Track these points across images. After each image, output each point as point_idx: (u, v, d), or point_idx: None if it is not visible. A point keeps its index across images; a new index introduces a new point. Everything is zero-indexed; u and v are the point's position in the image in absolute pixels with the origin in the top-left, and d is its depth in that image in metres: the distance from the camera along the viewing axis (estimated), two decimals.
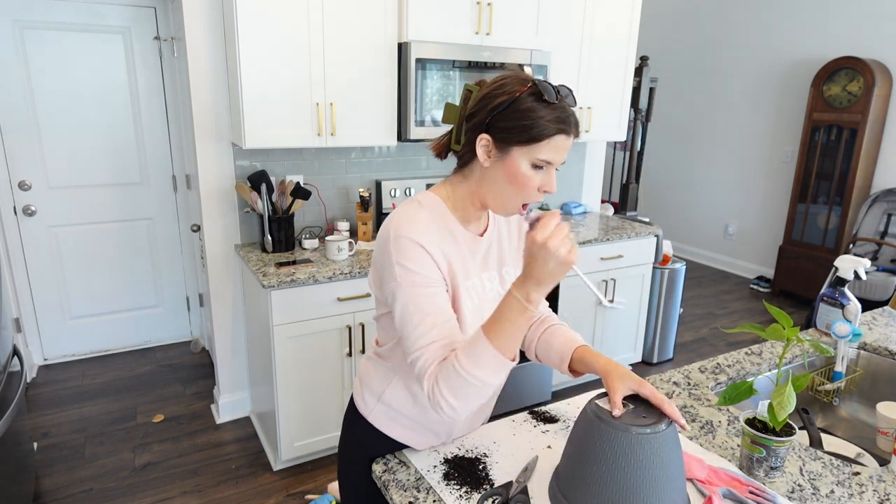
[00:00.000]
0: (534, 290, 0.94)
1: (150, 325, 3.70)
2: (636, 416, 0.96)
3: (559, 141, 1.01)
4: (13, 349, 2.21)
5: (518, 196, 1.05)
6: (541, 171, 1.03)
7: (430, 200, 1.11)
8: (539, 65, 2.80)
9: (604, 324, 3.24)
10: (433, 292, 1.02)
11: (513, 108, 1.01)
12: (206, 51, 2.48)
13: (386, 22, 2.48)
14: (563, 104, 1.03)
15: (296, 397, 2.40)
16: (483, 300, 1.15)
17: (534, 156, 1.01)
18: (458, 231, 1.12)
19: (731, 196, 5.51)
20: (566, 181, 3.66)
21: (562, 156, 1.03)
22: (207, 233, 2.66)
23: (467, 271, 1.11)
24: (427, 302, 1.01)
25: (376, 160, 2.97)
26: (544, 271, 0.93)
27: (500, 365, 0.95)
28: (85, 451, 2.65)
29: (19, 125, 3.12)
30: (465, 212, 1.13)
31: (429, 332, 1.00)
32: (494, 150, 1.03)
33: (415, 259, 1.01)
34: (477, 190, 1.09)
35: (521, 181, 1.03)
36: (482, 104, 1.04)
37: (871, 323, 1.89)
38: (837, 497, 1.07)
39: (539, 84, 1.01)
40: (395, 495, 1.05)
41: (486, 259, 1.17)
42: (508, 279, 1.19)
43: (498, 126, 1.02)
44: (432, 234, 1.05)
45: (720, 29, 5.41)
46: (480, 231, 1.17)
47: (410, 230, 1.03)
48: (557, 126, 1.01)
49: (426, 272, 1.02)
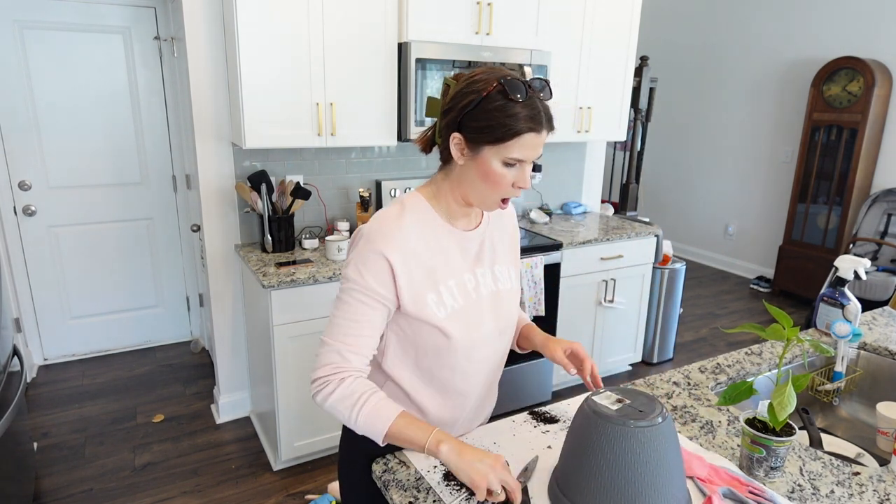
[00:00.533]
0: (445, 449, 0.99)
1: (150, 325, 3.70)
2: (632, 410, 0.96)
3: (529, 139, 1.01)
4: (13, 349, 2.21)
5: (493, 193, 1.06)
6: (513, 168, 1.04)
7: (413, 202, 1.12)
8: (539, 65, 2.80)
9: (604, 324, 3.24)
10: (366, 302, 1.06)
11: (481, 107, 1.01)
12: (206, 51, 2.48)
13: (386, 22, 2.48)
14: (532, 101, 1.01)
15: (296, 397, 2.40)
16: (478, 297, 1.15)
17: (504, 155, 1.02)
18: (442, 231, 1.12)
19: (731, 196, 5.51)
20: (566, 181, 3.66)
21: (534, 153, 1.03)
22: (207, 233, 2.66)
23: (451, 270, 1.12)
24: (355, 308, 1.06)
25: (376, 160, 2.97)
26: (471, 461, 0.97)
27: (374, 435, 1.03)
28: (85, 451, 2.65)
29: (19, 125, 3.12)
30: (450, 209, 1.14)
31: (343, 335, 1.06)
32: (467, 149, 1.04)
33: (369, 268, 1.05)
34: (457, 186, 1.11)
35: (494, 179, 1.04)
36: (454, 102, 1.04)
37: (871, 323, 1.89)
38: (837, 497, 1.07)
39: (506, 82, 1.00)
40: (395, 495, 1.05)
41: (479, 255, 1.18)
42: (501, 277, 1.20)
43: (468, 126, 1.02)
44: (408, 243, 1.07)
45: (720, 29, 5.41)
46: (472, 226, 1.18)
47: (381, 240, 1.05)
48: (526, 125, 1.00)
49: (372, 283, 1.05)
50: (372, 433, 1.03)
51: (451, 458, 0.98)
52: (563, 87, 3.08)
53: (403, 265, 1.06)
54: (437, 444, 0.99)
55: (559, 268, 2.93)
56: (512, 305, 1.22)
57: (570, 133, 3.18)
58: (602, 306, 3.19)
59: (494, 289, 1.19)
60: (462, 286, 1.13)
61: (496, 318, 1.18)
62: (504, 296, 1.20)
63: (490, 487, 0.95)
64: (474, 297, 1.15)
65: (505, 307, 1.20)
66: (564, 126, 3.15)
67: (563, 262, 2.94)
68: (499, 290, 1.19)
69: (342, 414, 1.05)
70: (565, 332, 3.09)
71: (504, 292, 1.20)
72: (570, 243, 2.93)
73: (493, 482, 0.95)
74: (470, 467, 0.96)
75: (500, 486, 0.96)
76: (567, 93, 3.11)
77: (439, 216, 1.13)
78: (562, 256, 2.92)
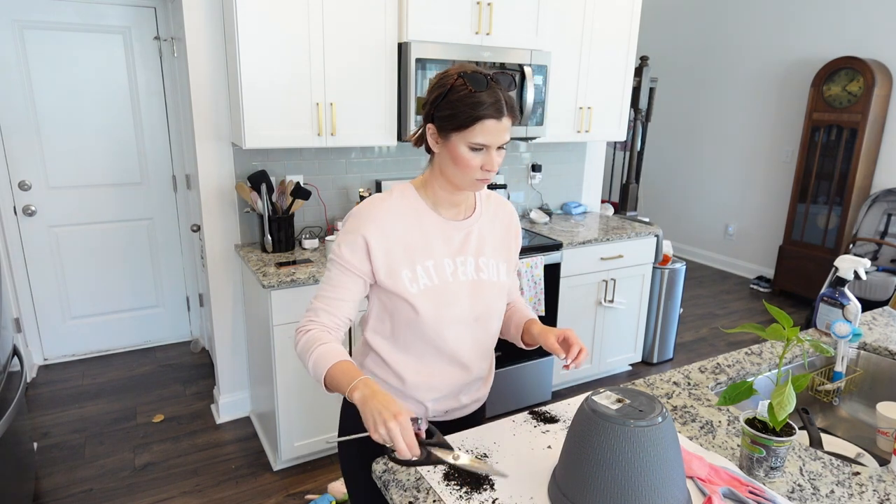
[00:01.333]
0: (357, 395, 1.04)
1: (150, 325, 3.70)
2: (632, 410, 0.96)
3: (490, 125, 1.11)
4: (13, 349, 2.21)
5: (464, 175, 1.17)
6: (480, 152, 1.14)
7: (403, 189, 1.25)
8: (539, 65, 2.81)
9: (604, 324, 3.24)
10: (347, 274, 1.20)
11: (447, 98, 1.13)
12: (206, 51, 2.48)
13: (386, 22, 2.48)
14: (493, 91, 1.12)
15: (296, 397, 2.40)
16: (455, 280, 1.23)
17: (468, 140, 1.12)
18: (426, 216, 1.23)
19: (731, 196, 5.51)
20: (566, 181, 3.66)
21: (497, 138, 1.13)
22: (207, 233, 2.66)
23: (429, 252, 1.22)
24: (336, 278, 1.21)
25: (376, 160, 2.97)
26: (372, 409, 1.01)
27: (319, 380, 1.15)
28: (85, 451, 2.65)
29: (19, 125, 3.12)
30: (437, 198, 1.24)
31: (323, 295, 1.21)
32: (439, 138, 1.17)
33: (350, 246, 1.19)
34: (439, 173, 1.22)
35: (463, 163, 1.15)
36: (428, 96, 1.18)
37: (871, 323, 1.89)
38: (837, 497, 1.07)
39: (467, 75, 1.13)
40: (395, 495, 1.05)
41: (463, 244, 1.26)
42: (485, 268, 1.28)
43: (437, 116, 1.15)
44: (388, 222, 1.19)
45: (720, 29, 5.41)
46: (459, 217, 1.27)
47: (362, 220, 1.19)
48: (486, 112, 1.10)
49: (351, 259, 1.19)
50: (317, 377, 1.14)
51: (359, 403, 1.03)
52: (563, 87, 3.08)
53: (380, 243, 1.18)
54: (352, 390, 1.06)
55: (559, 268, 2.93)
56: (493, 296, 1.28)
57: (570, 133, 3.18)
58: (602, 306, 3.19)
59: (475, 277, 1.26)
60: (439, 268, 1.22)
61: (472, 303, 1.25)
62: (485, 286, 1.27)
63: (381, 437, 0.98)
64: (450, 280, 1.23)
65: (484, 296, 1.27)
66: (564, 126, 3.15)
67: (563, 262, 2.94)
68: (480, 279, 1.26)
69: (302, 360, 1.17)
70: None
71: (485, 282, 1.27)
72: (570, 243, 2.93)
73: (383, 434, 0.98)
74: (368, 413, 1.01)
75: (388, 439, 0.98)
76: (567, 93, 3.11)
77: (425, 203, 1.24)
78: (562, 256, 2.92)
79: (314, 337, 1.16)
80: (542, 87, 2.86)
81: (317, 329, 1.18)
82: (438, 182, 1.23)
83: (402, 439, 0.97)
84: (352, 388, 1.06)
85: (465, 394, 1.34)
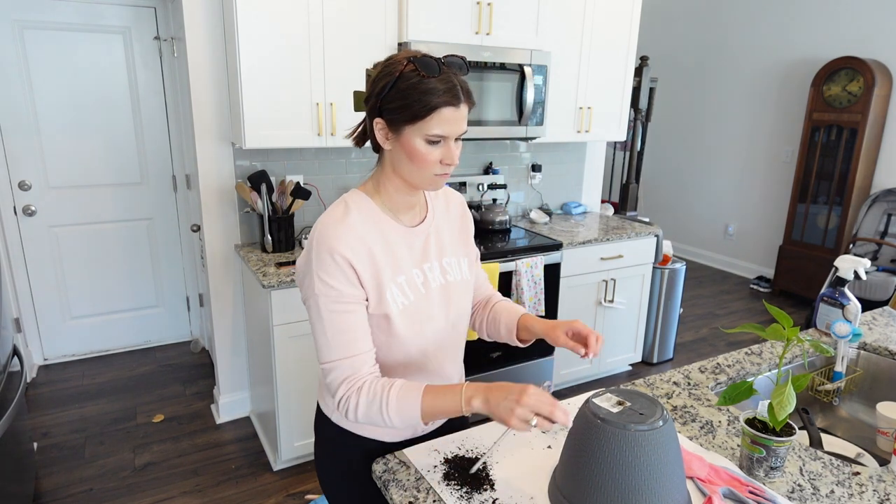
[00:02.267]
0: (476, 402, 1.00)
1: (150, 325, 3.70)
2: (633, 413, 0.96)
3: (447, 113, 1.00)
4: (13, 349, 2.21)
5: (422, 172, 1.05)
6: (437, 145, 1.03)
7: (356, 199, 1.11)
8: (539, 65, 2.81)
9: (604, 324, 3.24)
10: (348, 310, 1.05)
11: (396, 88, 1.00)
12: (206, 51, 2.48)
13: (386, 22, 2.48)
14: (447, 76, 1.00)
15: (296, 397, 2.40)
16: (427, 291, 1.14)
17: (424, 132, 1.01)
18: (388, 227, 1.12)
19: (731, 196, 5.51)
20: (566, 181, 3.66)
21: (455, 128, 1.02)
22: (207, 233, 2.66)
23: (399, 266, 1.11)
24: (339, 319, 1.05)
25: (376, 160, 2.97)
26: (497, 403, 0.97)
27: (413, 423, 1.04)
28: (85, 451, 2.65)
29: (19, 125, 3.12)
30: (393, 202, 1.13)
31: (338, 349, 1.05)
32: (390, 133, 1.05)
33: (333, 274, 1.03)
34: (392, 174, 1.10)
35: (420, 158, 1.03)
36: (372, 88, 1.05)
37: (871, 323, 1.89)
38: (837, 497, 1.07)
39: (417, 59, 1.00)
40: (395, 495, 1.05)
41: (425, 250, 1.16)
42: (449, 269, 1.19)
43: (386, 108, 1.02)
44: (357, 239, 1.06)
45: (720, 29, 5.41)
46: (416, 222, 1.17)
47: (334, 241, 1.04)
48: (442, 99, 0.99)
49: (343, 288, 1.04)
50: (410, 423, 1.04)
51: (483, 409, 0.99)
52: (563, 87, 3.08)
53: (360, 262, 1.05)
54: (468, 402, 1.00)
55: (559, 268, 2.93)
56: (463, 297, 1.22)
57: (570, 133, 3.18)
58: (602, 306, 3.19)
59: (443, 282, 1.18)
60: (411, 282, 1.13)
61: (447, 312, 1.19)
62: (454, 287, 1.20)
63: (522, 420, 0.95)
64: (423, 291, 1.14)
65: (455, 299, 1.20)
66: (564, 126, 3.15)
67: (563, 262, 2.94)
68: (448, 282, 1.19)
69: (376, 420, 1.04)
70: None
71: (454, 284, 1.20)
72: (570, 243, 2.93)
73: (521, 415, 0.95)
74: (496, 410, 0.97)
75: (531, 415, 0.95)
76: (567, 93, 3.11)
77: (383, 212, 1.12)
78: (562, 256, 2.92)
79: (375, 391, 1.03)
80: (542, 87, 2.86)
81: (367, 382, 1.05)
82: (392, 184, 1.10)
83: (546, 405, 0.94)
84: (466, 400, 1.00)
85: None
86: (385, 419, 1.03)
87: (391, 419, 1.03)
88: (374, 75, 1.05)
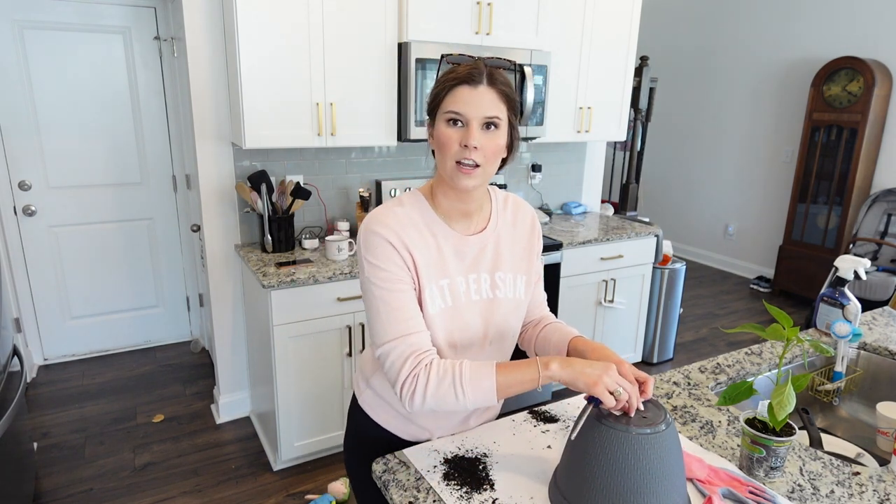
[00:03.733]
0: (555, 365, 0.99)
1: (150, 325, 3.70)
2: (636, 417, 0.96)
3: (462, 92, 1.04)
4: (13, 349, 2.21)
5: (446, 156, 1.06)
6: (457, 126, 1.05)
7: (411, 198, 1.14)
8: (539, 65, 2.80)
9: (604, 324, 3.24)
10: (399, 289, 1.06)
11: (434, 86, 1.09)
12: (206, 51, 2.48)
13: (386, 22, 2.48)
14: (476, 63, 1.06)
15: (296, 397, 2.40)
16: (467, 302, 1.13)
17: (444, 112, 1.05)
18: (439, 229, 1.12)
19: (731, 196, 5.51)
20: (566, 181, 3.66)
21: (472, 108, 1.03)
22: (207, 233, 2.66)
23: (444, 270, 1.11)
24: (393, 298, 1.05)
25: (376, 160, 2.97)
26: (581, 370, 0.97)
27: (488, 399, 1.02)
28: (85, 451, 2.65)
29: (19, 125, 3.12)
30: (444, 208, 1.13)
31: (396, 326, 1.04)
32: (431, 129, 1.10)
33: (381, 256, 1.05)
34: (439, 176, 1.12)
35: (442, 140, 1.06)
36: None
37: (871, 323, 1.89)
38: (837, 497, 1.07)
39: (453, 55, 1.11)
40: (395, 495, 1.05)
41: (476, 260, 1.15)
42: (501, 285, 1.17)
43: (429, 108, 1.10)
44: (404, 231, 1.08)
45: (720, 29, 5.41)
46: (471, 231, 1.16)
47: (380, 226, 1.06)
48: (458, 77, 1.04)
49: (393, 269, 1.06)
50: (484, 398, 1.01)
51: (563, 374, 0.98)
52: (563, 87, 3.08)
53: (402, 249, 1.07)
54: (546, 365, 0.99)
55: (559, 268, 2.93)
56: (510, 315, 1.19)
57: (570, 133, 3.18)
58: (602, 306, 3.19)
59: (491, 296, 1.16)
60: (454, 288, 1.12)
61: (485, 326, 1.16)
62: (501, 304, 1.17)
63: (609, 389, 0.94)
64: (464, 300, 1.13)
65: (499, 316, 1.18)
66: (564, 126, 3.15)
67: (563, 262, 2.94)
68: (496, 297, 1.16)
69: (447, 398, 1.01)
70: None
71: (502, 301, 1.17)
72: (570, 243, 2.93)
73: (608, 383, 0.94)
74: (581, 374, 0.96)
75: (616, 386, 0.94)
76: (567, 93, 3.11)
77: (436, 214, 1.13)
78: (562, 256, 2.92)
79: (445, 367, 1.02)
80: (542, 87, 2.86)
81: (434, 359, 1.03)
82: (440, 188, 1.12)
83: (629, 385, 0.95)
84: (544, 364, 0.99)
85: (474, 417, 1.27)
86: (458, 395, 1.00)
87: (465, 395, 1.00)
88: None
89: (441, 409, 1.03)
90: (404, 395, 1.03)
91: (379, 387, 1.23)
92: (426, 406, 1.03)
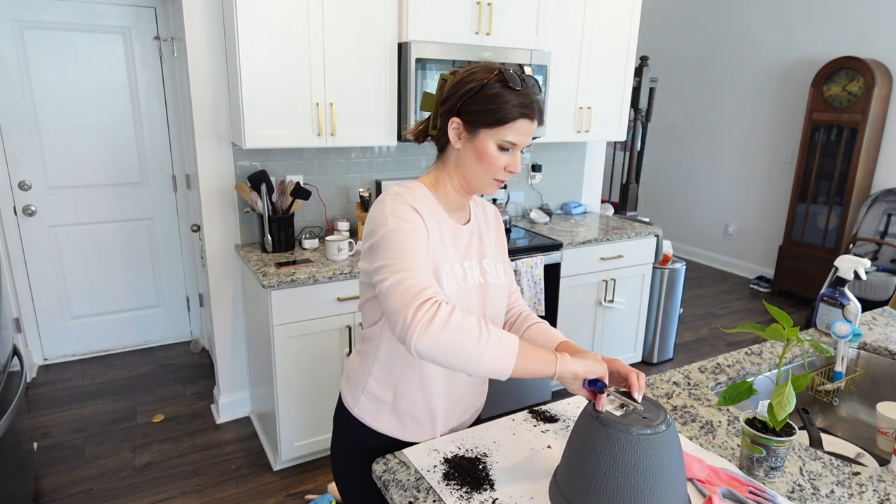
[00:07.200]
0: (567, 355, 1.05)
1: (150, 325, 3.70)
2: (636, 417, 0.96)
3: (523, 125, 1.10)
4: (13, 349, 2.21)
5: (487, 174, 1.13)
6: (506, 152, 1.12)
7: (416, 187, 1.17)
8: (539, 65, 2.80)
9: (604, 324, 3.24)
10: (421, 240, 1.07)
11: (481, 93, 1.09)
12: (206, 51, 2.48)
13: (386, 22, 2.48)
14: (527, 91, 1.10)
15: (296, 397, 2.40)
16: (466, 286, 1.18)
17: (499, 138, 1.10)
18: (442, 218, 1.18)
19: (731, 196, 5.51)
20: (566, 181, 3.66)
21: (526, 139, 1.12)
22: (207, 233, 2.66)
23: (447, 256, 1.16)
24: (415, 245, 1.05)
25: (376, 160, 2.97)
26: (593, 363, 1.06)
27: (504, 368, 0.98)
28: (85, 451, 2.65)
29: (19, 125, 3.12)
30: (449, 198, 1.20)
31: (419, 261, 1.03)
32: (464, 133, 1.12)
33: (407, 216, 1.08)
34: (454, 172, 1.17)
35: (489, 160, 1.11)
36: (454, 90, 1.12)
37: (871, 323, 1.89)
38: (837, 497, 1.07)
39: (505, 72, 1.10)
40: (395, 495, 1.05)
41: (468, 248, 1.22)
42: (489, 271, 1.24)
43: (467, 110, 1.11)
44: (422, 208, 1.13)
45: (720, 29, 5.41)
46: (464, 221, 1.24)
47: (403, 197, 1.11)
48: (521, 111, 1.09)
49: (418, 223, 1.09)
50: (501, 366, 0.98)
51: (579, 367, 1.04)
52: (563, 87, 3.08)
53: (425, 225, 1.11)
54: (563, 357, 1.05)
55: (559, 268, 2.93)
56: (499, 299, 1.26)
57: (570, 133, 3.18)
58: (602, 306, 3.19)
59: (482, 281, 1.22)
60: (453, 273, 1.17)
61: (483, 309, 1.22)
62: (491, 288, 1.24)
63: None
64: (463, 285, 1.18)
65: (492, 300, 1.24)
66: (564, 126, 3.15)
67: (563, 262, 2.94)
68: (486, 282, 1.23)
69: (470, 332, 0.95)
70: (565, 332, 3.09)
71: (492, 285, 1.24)
72: (570, 243, 2.93)
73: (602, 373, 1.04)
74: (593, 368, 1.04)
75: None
76: (567, 93, 3.11)
77: (439, 204, 1.18)
78: (562, 256, 2.92)
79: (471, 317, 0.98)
80: (542, 87, 2.86)
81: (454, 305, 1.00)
82: (452, 182, 1.18)
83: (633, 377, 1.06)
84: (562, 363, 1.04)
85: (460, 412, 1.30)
86: (482, 344, 0.95)
87: (489, 336, 0.96)
88: (455, 80, 1.13)
89: (454, 349, 0.94)
90: (419, 320, 0.94)
91: (376, 389, 1.22)
92: (442, 337, 0.94)
